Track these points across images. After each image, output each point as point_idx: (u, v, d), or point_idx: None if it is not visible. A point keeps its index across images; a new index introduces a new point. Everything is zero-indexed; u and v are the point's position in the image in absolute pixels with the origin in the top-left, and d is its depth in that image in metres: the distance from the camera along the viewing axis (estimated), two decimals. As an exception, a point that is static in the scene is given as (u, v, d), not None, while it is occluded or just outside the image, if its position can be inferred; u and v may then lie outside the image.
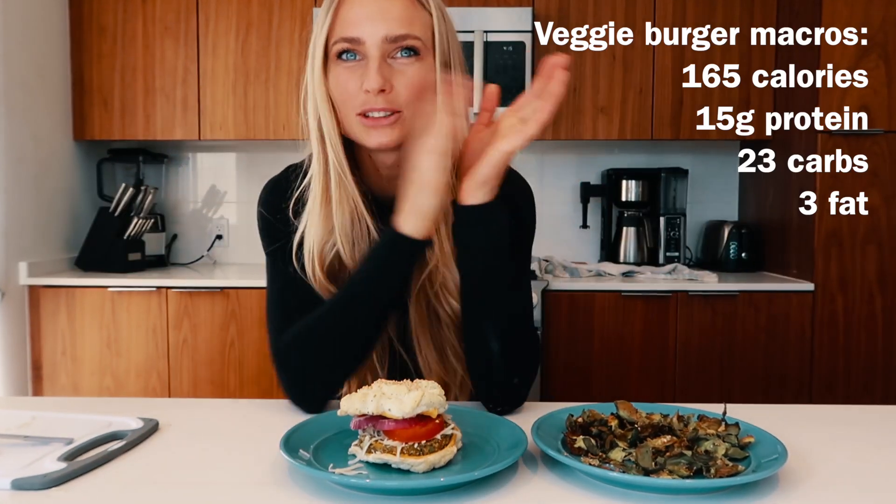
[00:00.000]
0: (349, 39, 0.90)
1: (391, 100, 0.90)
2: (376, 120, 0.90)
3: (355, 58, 0.91)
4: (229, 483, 0.82)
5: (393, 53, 0.90)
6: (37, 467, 0.81)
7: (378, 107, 0.90)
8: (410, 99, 0.91)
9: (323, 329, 0.94)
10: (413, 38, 0.90)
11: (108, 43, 2.83)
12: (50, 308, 2.59)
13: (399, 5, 0.90)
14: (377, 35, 0.89)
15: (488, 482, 0.81)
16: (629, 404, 0.97)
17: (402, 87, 0.90)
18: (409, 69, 0.91)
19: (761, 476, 0.79)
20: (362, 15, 0.89)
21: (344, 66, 0.91)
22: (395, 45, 0.90)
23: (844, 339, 2.49)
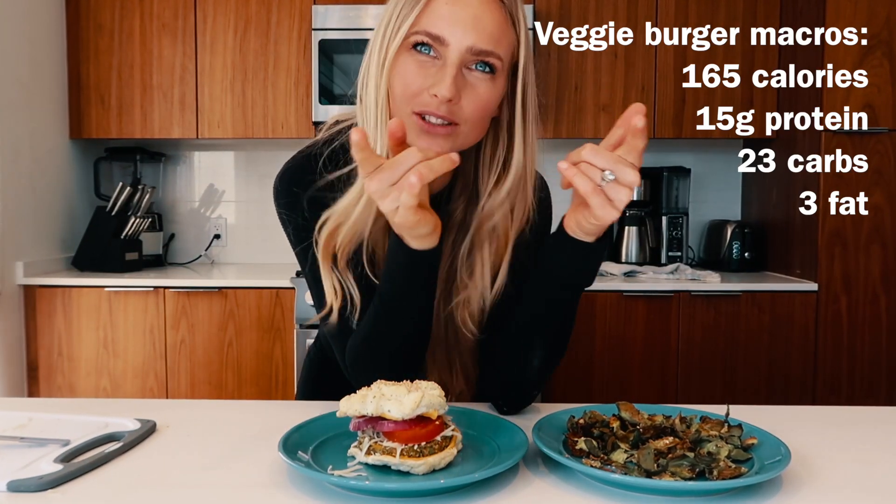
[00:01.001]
0: (434, 36, 0.85)
1: (454, 112, 0.86)
2: (433, 126, 0.86)
3: (430, 53, 0.86)
4: (228, 485, 0.82)
5: (470, 64, 0.86)
6: (33, 469, 0.81)
7: (440, 114, 0.85)
8: (472, 115, 0.87)
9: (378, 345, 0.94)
10: (496, 57, 0.86)
11: (105, 40, 2.83)
12: (46, 308, 2.59)
13: (493, 19, 0.86)
14: (464, 42, 0.84)
15: (489, 484, 0.81)
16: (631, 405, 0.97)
17: (469, 101, 0.86)
18: (482, 86, 0.87)
19: (764, 478, 0.79)
20: (455, 17, 0.84)
21: (416, 59, 0.86)
22: (476, 58, 0.86)
23: (848, 339, 2.49)
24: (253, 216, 3.22)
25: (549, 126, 2.78)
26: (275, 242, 3.19)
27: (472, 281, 0.95)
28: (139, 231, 2.84)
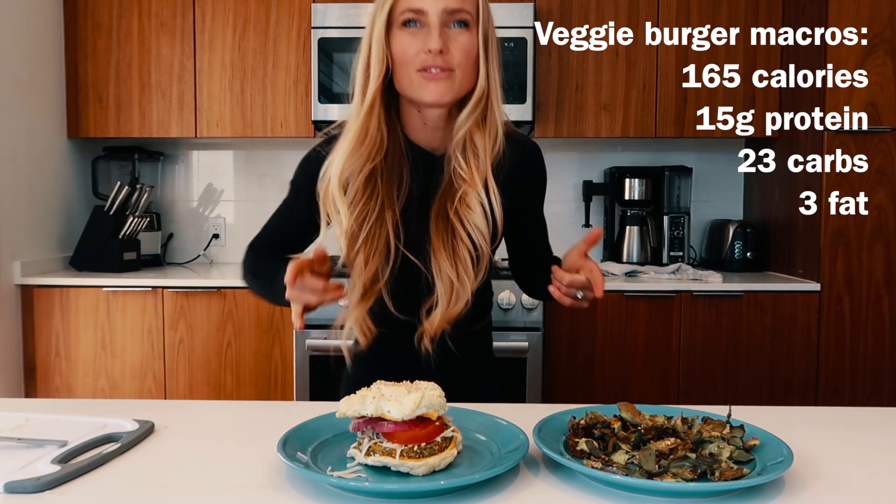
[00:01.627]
0: (415, 10, 1.11)
1: (447, 60, 1.10)
2: (434, 74, 1.10)
3: (417, 25, 1.11)
4: (226, 486, 0.82)
5: (448, 23, 1.11)
6: (30, 470, 0.81)
7: (437, 64, 1.10)
8: (461, 60, 1.11)
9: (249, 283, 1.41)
10: (465, 13, 1.11)
11: (103, 38, 2.83)
12: (44, 308, 2.59)
13: None
14: (438, 7, 1.10)
15: (489, 485, 0.81)
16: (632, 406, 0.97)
17: (456, 50, 1.11)
18: (462, 36, 1.12)
19: (767, 479, 0.79)
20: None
21: (408, 32, 1.12)
22: (451, 17, 1.11)
23: (851, 340, 2.49)
24: (252, 216, 3.22)
25: (549, 125, 2.78)
26: (274, 242, 3.19)
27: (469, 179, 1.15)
28: (137, 231, 2.84)
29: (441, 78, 1.11)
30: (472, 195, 1.14)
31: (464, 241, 1.14)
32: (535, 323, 2.43)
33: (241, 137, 2.89)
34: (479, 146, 1.15)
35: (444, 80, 1.11)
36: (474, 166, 1.15)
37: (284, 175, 3.39)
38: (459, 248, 1.14)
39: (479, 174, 1.14)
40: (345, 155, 1.14)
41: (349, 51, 2.70)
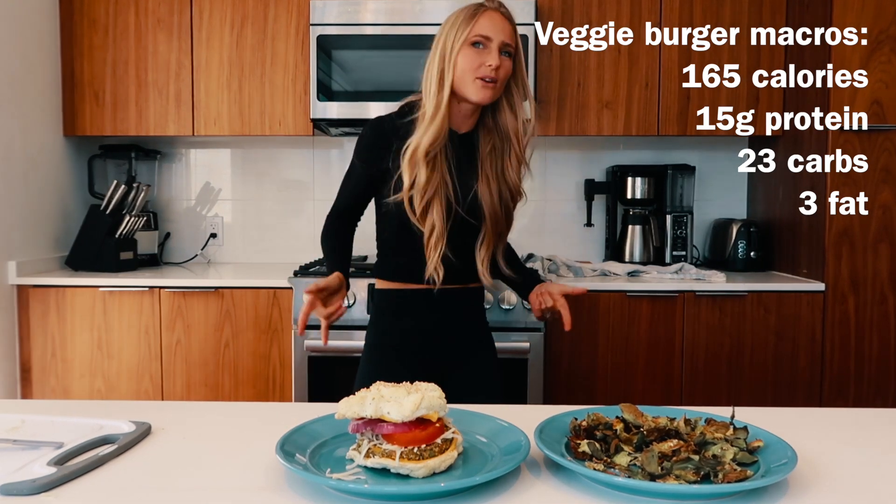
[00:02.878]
0: (484, 37, 1.57)
1: (498, 74, 1.57)
2: (487, 84, 1.56)
3: (481, 46, 1.57)
4: (223, 488, 0.82)
5: (501, 51, 1.58)
6: (26, 472, 0.81)
7: (491, 76, 1.56)
8: (503, 78, 1.59)
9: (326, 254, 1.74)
10: (512, 47, 1.60)
11: (100, 36, 2.83)
12: (39, 308, 2.59)
13: (509, 27, 1.60)
14: (498, 39, 1.57)
15: (490, 487, 0.81)
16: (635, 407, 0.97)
17: (503, 69, 1.58)
18: (507, 62, 1.59)
19: (770, 481, 0.79)
20: (492, 27, 1.57)
21: (475, 50, 1.57)
22: (504, 48, 1.58)
23: (856, 340, 2.49)
24: (250, 215, 3.22)
25: (551, 123, 2.78)
26: (272, 241, 3.19)
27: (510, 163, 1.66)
28: (134, 230, 2.84)
29: (490, 87, 1.57)
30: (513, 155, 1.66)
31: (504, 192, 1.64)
32: (537, 323, 2.43)
33: (238, 136, 2.89)
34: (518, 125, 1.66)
35: (492, 88, 1.57)
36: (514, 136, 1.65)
37: (282, 173, 3.41)
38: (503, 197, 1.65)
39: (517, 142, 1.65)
40: (431, 135, 1.56)
41: (348, 48, 2.70)
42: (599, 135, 2.80)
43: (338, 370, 2.48)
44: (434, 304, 1.65)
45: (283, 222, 3.20)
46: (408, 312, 1.67)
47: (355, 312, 2.44)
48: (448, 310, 1.67)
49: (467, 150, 1.65)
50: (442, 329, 1.67)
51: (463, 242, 1.64)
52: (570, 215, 3.16)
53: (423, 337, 1.67)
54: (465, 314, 1.72)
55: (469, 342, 1.72)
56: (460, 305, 1.70)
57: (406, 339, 1.67)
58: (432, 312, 1.66)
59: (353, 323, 2.45)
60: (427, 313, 1.66)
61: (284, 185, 3.20)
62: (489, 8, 1.61)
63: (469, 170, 1.63)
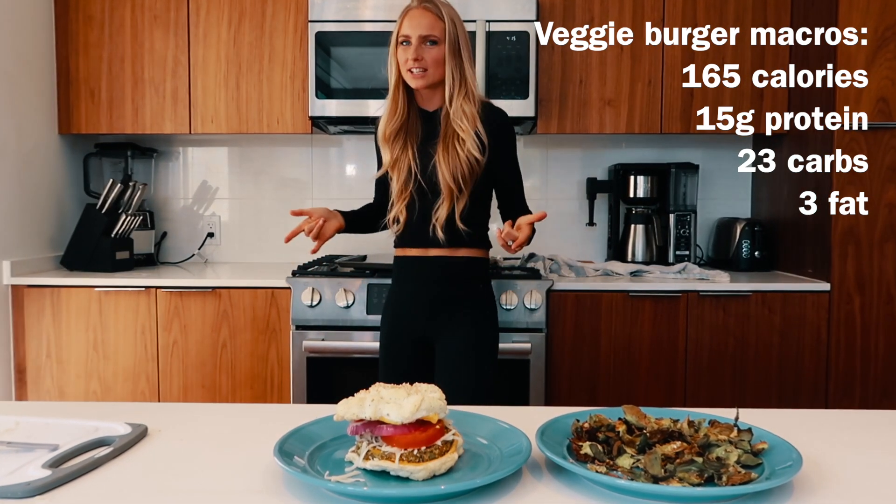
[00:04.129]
0: (405, 36, 1.85)
1: (422, 64, 1.84)
2: (415, 74, 1.84)
3: (406, 44, 1.85)
4: (221, 491, 0.82)
5: (423, 42, 1.84)
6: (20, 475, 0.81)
7: (414, 66, 1.83)
8: (431, 64, 1.84)
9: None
10: (433, 36, 1.84)
11: (95, 32, 2.83)
12: (34, 309, 2.59)
13: (427, 19, 1.84)
14: (416, 34, 1.84)
15: (491, 490, 0.81)
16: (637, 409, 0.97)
17: (428, 57, 1.84)
18: (431, 50, 1.84)
19: (775, 484, 0.79)
20: (411, 25, 1.84)
21: (402, 48, 1.86)
22: (425, 39, 1.84)
23: (862, 341, 2.49)
24: (248, 214, 3.22)
25: (552, 121, 2.78)
26: (270, 241, 3.19)
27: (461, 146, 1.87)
28: (130, 229, 2.84)
29: (417, 77, 1.85)
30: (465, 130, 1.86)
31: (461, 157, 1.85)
32: (538, 324, 2.43)
33: (236, 134, 2.89)
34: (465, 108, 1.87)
35: (421, 77, 1.85)
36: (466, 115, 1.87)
37: (280, 172, 3.42)
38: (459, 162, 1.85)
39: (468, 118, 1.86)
40: (385, 121, 1.92)
41: (347, 45, 2.70)
42: (602, 133, 2.80)
43: (337, 371, 2.48)
44: (426, 268, 1.93)
45: (282, 221, 3.19)
46: (407, 277, 1.97)
47: (354, 313, 2.44)
48: (440, 275, 1.92)
49: (432, 126, 1.92)
50: (432, 292, 1.92)
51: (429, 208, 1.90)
52: (571, 214, 3.16)
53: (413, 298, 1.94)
54: (453, 280, 1.92)
55: (458, 308, 1.92)
56: (451, 271, 1.92)
57: (402, 300, 1.97)
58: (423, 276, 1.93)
59: (353, 323, 2.45)
60: (419, 276, 1.94)
61: (282, 183, 3.20)
62: (411, 8, 1.88)
63: (432, 143, 1.89)
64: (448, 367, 1.90)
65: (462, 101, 1.87)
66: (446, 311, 1.91)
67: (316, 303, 2.45)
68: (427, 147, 1.90)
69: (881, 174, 2.43)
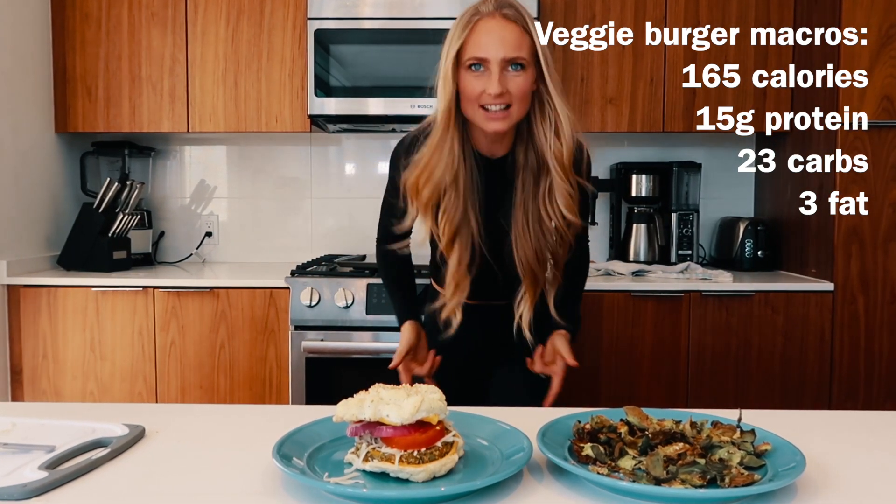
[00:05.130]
0: (478, 59, 1.35)
1: (506, 99, 1.35)
2: (493, 114, 1.36)
3: (480, 69, 1.36)
4: (219, 493, 0.82)
5: (506, 67, 1.35)
6: (17, 476, 0.81)
7: (496, 103, 1.35)
8: (518, 97, 1.36)
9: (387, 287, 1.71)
10: (521, 59, 1.35)
11: (92, 30, 2.83)
12: (30, 309, 2.59)
13: (512, 34, 1.35)
14: (498, 56, 1.34)
15: (491, 492, 0.81)
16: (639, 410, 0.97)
17: (514, 90, 1.35)
18: (518, 78, 1.36)
19: (778, 485, 0.79)
20: (489, 43, 1.34)
21: (473, 74, 1.36)
22: (509, 63, 1.35)
23: (866, 341, 2.48)
24: (246, 213, 3.22)
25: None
26: (269, 240, 3.19)
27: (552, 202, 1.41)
28: (127, 229, 2.84)
29: (498, 118, 1.36)
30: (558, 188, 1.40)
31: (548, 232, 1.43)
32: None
33: (234, 132, 2.89)
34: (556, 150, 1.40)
35: (501, 118, 1.36)
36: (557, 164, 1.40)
37: (279, 171, 3.41)
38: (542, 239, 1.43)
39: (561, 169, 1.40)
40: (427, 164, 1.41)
41: (346, 42, 2.70)
42: (603, 131, 2.80)
43: (336, 372, 2.48)
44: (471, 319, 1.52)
45: (280, 221, 3.20)
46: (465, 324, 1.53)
47: (354, 313, 2.44)
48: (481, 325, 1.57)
49: (500, 179, 1.46)
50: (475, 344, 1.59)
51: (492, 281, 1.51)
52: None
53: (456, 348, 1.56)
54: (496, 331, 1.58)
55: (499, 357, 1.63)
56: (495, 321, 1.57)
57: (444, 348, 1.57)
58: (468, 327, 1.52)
59: (353, 324, 2.45)
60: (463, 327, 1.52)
61: (281, 182, 3.20)
62: (484, 15, 1.36)
63: (502, 204, 1.45)
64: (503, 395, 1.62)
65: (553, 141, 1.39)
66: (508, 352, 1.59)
67: (315, 303, 2.45)
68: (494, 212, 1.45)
69: (885, 173, 2.43)
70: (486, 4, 1.38)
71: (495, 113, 1.36)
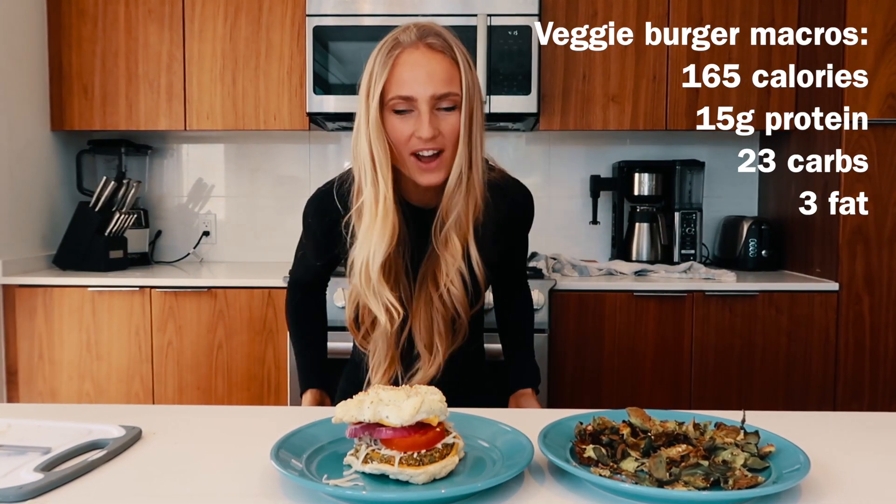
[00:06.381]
0: (404, 98, 1.18)
1: (439, 143, 1.20)
2: (427, 161, 1.20)
3: (406, 111, 1.19)
4: (217, 495, 0.82)
5: (437, 106, 1.19)
6: (12, 478, 0.81)
7: (428, 148, 1.19)
8: (451, 139, 1.20)
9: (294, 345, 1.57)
10: (453, 95, 1.19)
11: (89, 27, 2.83)
12: (26, 309, 2.59)
13: (442, 68, 1.19)
14: (426, 94, 1.17)
15: (492, 494, 0.81)
16: (642, 411, 0.97)
17: (447, 132, 1.20)
18: (451, 118, 1.20)
19: (782, 488, 0.79)
20: (414, 78, 1.17)
21: (399, 118, 1.19)
22: (439, 102, 1.19)
23: (871, 341, 2.48)
24: (244, 212, 3.22)
25: (555, 117, 2.78)
26: (267, 240, 3.19)
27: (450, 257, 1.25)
28: (124, 228, 2.84)
29: (433, 166, 1.21)
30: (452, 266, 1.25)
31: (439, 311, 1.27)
32: (540, 324, 2.43)
33: (232, 130, 2.89)
34: (461, 214, 1.25)
35: (436, 168, 1.21)
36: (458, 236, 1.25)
37: (278, 169, 3.41)
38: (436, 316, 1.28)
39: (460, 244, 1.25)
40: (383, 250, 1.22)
41: (345, 39, 2.70)
42: (605, 129, 2.80)
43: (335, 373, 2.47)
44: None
45: (278, 220, 3.20)
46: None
47: (353, 313, 2.44)
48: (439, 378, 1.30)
49: (424, 234, 1.28)
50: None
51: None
52: (574, 212, 3.16)
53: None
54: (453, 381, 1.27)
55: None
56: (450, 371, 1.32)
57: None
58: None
59: (351, 324, 2.45)
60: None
61: (279, 181, 3.20)
62: (406, 46, 1.19)
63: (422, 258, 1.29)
64: None
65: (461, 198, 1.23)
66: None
67: (314, 303, 2.45)
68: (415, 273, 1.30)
69: (890, 172, 2.43)
70: (408, 33, 1.21)
71: (429, 162, 1.20)
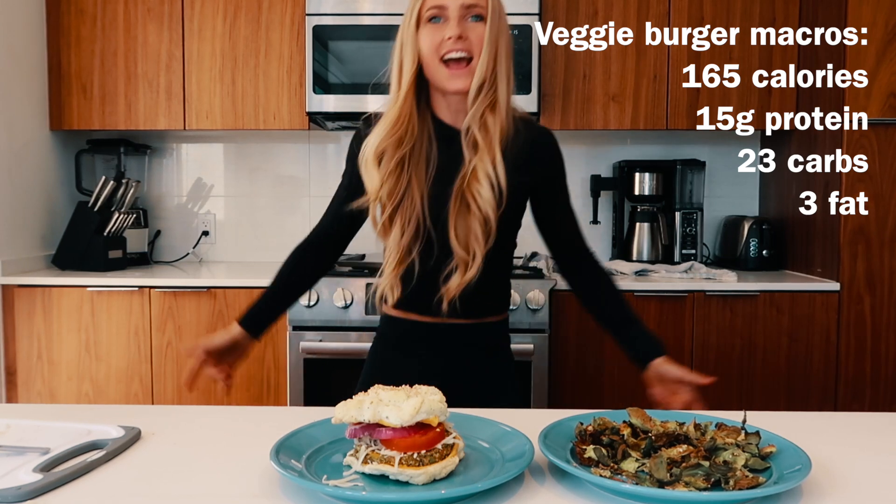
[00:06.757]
0: (437, 6, 1.32)
1: (466, 47, 1.32)
2: (455, 66, 1.32)
3: (440, 20, 1.33)
4: (216, 495, 0.82)
5: (466, 17, 1.32)
6: (11, 479, 0.81)
7: (457, 48, 1.31)
8: (479, 47, 1.32)
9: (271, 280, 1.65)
10: (480, 7, 1.33)
11: (88, 26, 2.83)
12: (25, 309, 2.59)
13: None
14: (456, 3, 1.32)
15: (492, 494, 0.81)
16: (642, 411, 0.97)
17: (474, 39, 1.32)
18: (478, 27, 1.33)
19: (784, 488, 0.79)
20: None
21: (432, 27, 1.33)
22: (468, 11, 1.32)
23: (872, 342, 2.48)
24: (243, 212, 3.22)
25: (556, 117, 2.78)
26: (266, 239, 3.19)
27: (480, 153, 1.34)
28: (123, 227, 2.84)
29: (460, 72, 1.32)
30: (480, 168, 1.34)
31: (474, 213, 1.34)
32: (541, 324, 2.43)
33: (231, 130, 2.89)
34: (489, 125, 1.34)
35: (463, 74, 1.32)
36: (484, 143, 1.34)
37: (277, 169, 3.41)
38: (472, 220, 1.34)
39: (488, 150, 1.34)
40: (380, 134, 1.35)
41: (345, 38, 2.70)
42: (606, 129, 2.80)
43: (335, 373, 2.48)
44: (441, 342, 1.41)
45: (278, 219, 3.20)
46: (411, 350, 1.44)
47: (353, 314, 2.44)
48: (458, 350, 1.42)
49: (454, 152, 1.36)
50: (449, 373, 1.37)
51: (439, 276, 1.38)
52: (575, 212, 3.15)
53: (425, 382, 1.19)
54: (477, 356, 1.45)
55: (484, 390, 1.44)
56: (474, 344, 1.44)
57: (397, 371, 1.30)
58: (438, 354, 1.42)
59: (351, 324, 2.45)
60: (432, 353, 1.42)
61: (279, 180, 3.20)
62: None
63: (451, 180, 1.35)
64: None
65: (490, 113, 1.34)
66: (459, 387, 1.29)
67: (313, 303, 2.45)
68: (444, 185, 1.35)
69: (891, 171, 2.43)
70: None
71: (457, 66, 1.31)
